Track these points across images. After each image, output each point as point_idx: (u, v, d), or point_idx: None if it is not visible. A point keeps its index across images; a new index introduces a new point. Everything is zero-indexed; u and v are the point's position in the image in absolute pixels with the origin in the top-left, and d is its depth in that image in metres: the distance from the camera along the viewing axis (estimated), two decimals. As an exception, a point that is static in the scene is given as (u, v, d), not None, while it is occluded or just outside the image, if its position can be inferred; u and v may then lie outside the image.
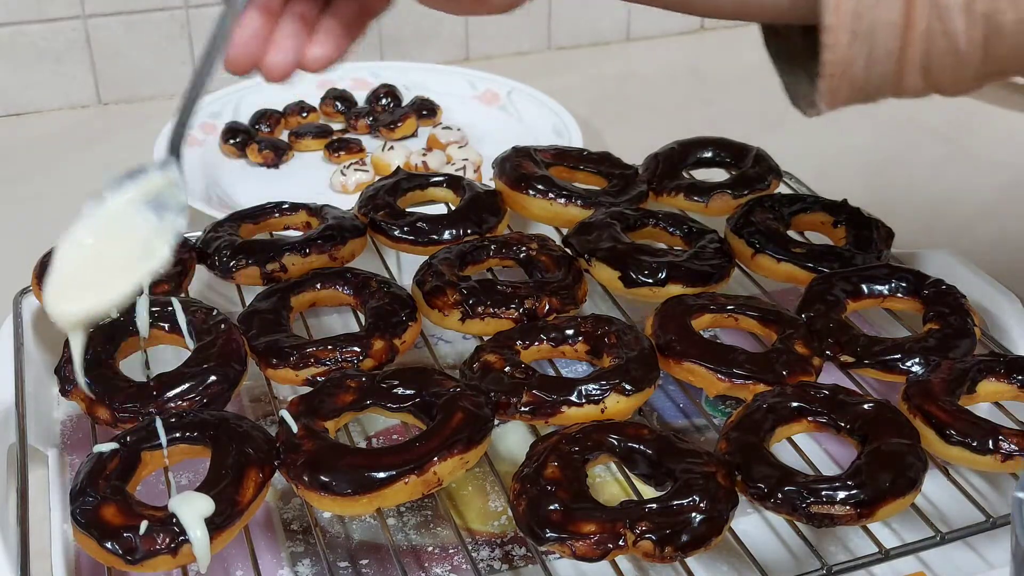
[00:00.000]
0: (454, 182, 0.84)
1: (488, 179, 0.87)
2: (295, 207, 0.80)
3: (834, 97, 0.55)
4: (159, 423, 0.59)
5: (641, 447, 0.59)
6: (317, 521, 0.65)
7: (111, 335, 0.65)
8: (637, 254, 0.74)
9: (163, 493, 0.59)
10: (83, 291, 0.53)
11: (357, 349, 0.66)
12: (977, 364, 0.65)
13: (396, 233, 0.78)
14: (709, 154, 0.89)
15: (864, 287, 0.73)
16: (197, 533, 0.53)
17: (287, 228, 0.80)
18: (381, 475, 0.56)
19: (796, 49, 0.59)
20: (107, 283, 0.53)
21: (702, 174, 0.88)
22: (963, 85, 0.55)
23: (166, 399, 0.61)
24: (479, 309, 0.69)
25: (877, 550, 0.57)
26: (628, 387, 0.63)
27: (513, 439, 0.73)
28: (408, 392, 0.62)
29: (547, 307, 0.70)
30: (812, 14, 0.52)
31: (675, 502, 0.55)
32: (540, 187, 0.81)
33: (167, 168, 0.55)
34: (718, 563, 0.65)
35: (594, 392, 0.62)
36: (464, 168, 1.00)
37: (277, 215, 0.79)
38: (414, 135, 1.11)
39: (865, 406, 0.62)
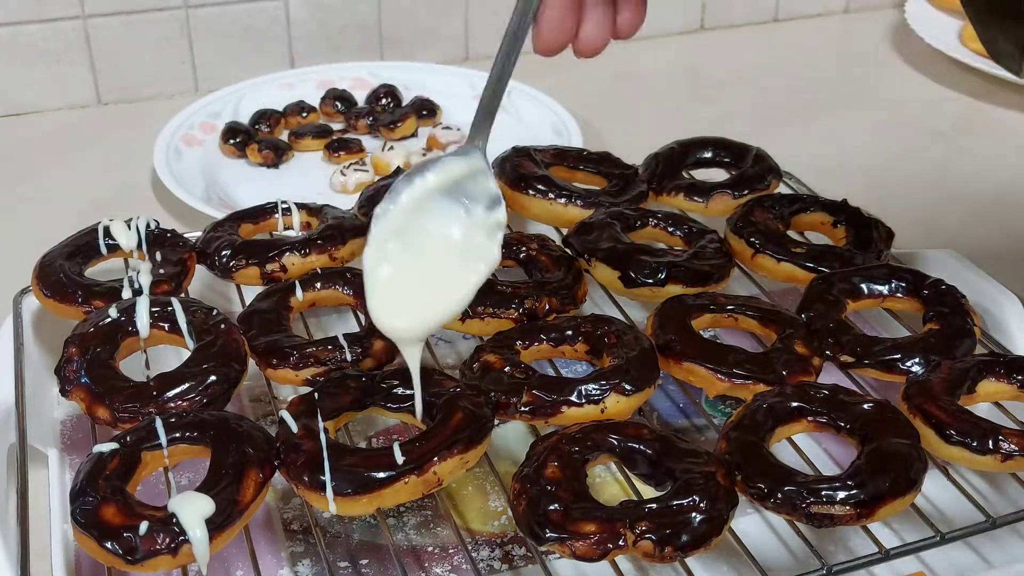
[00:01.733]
0: (454, 182, 0.84)
1: (488, 179, 0.86)
2: (295, 207, 0.80)
3: None
4: (159, 423, 0.59)
5: (641, 447, 0.59)
6: (317, 521, 0.65)
7: (111, 335, 0.65)
8: (637, 254, 0.74)
9: (163, 493, 0.59)
10: (414, 304, 0.50)
11: (357, 349, 0.66)
12: (977, 364, 0.65)
13: (396, 233, 0.77)
14: (709, 154, 0.89)
15: (864, 287, 0.73)
16: (197, 533, 0.53)
17: (287, 228, 0.80)
18: (381, 475, 0.56)
19: (995, 8, 0.57)
20: (438, 292, 0.50)
21: (702, 174, 0.88)
22: None
23: (166, 399, 0.61)
24: (479, 309, 0.69)
25: (877, 550, 0.57)
26: (628, 387, 0.63)
27: (513, 439, 0.73)
28: (408, 392, 0.62)
29: (547, 307, 0.70)
30: None
31: (675, 502, 0.55)
32: (540, 187, 0.81)
33: (470, 156, 0.50)
34: (718, 563, 0.65)
35: (594, 392, 0.62)
36: (464, 168, 1.00)
37: (277, 215, 0.79)
38: (414, 135, 1.11)
39: (865, 406, 0.62)
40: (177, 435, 0.59)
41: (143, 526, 0.53)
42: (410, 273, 0.50)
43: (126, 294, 0.69)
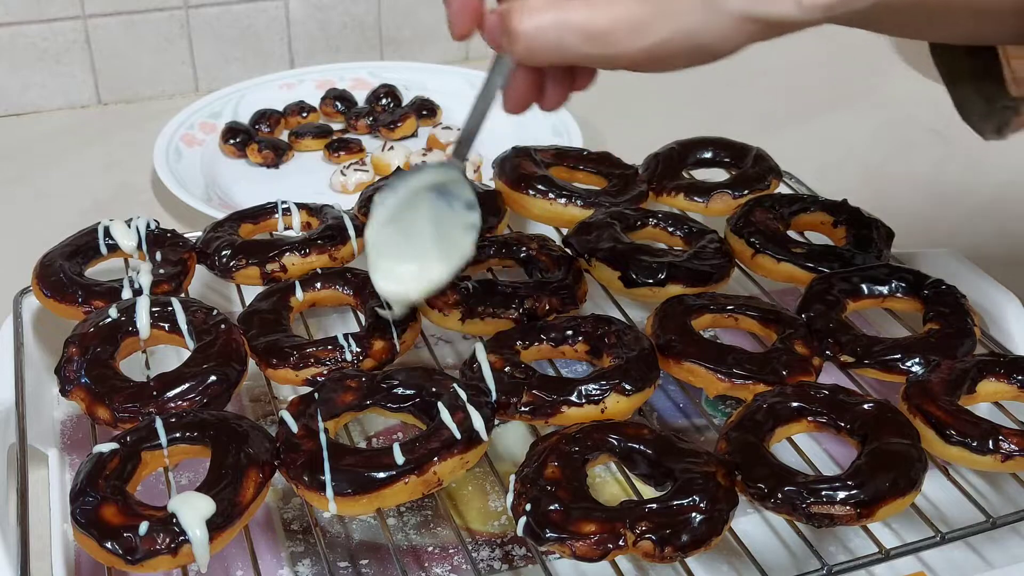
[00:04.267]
0: (454, 182, 0.84)
1: (488, 179, 0.87)
2: (295, 207, 0.80)
3: (1017, 129, 0.58)
4: (159, 423, 0.59)
5: (641, 447, 0.59)
6: (317, 521, 0.65)
7: (111, 335, 0.65)
8: (637, 254, 0.74)
9: (163, 493, 0.59)
10: (406, 273, 0.61)
11: (357, 349, 0.66)
12: (977, 364, 0.65)
13: (396, 233, 0.78)
14: (709, 154, 0.89)
15: (864, 287, 0.73)
16: (197, 533, 0.53)
17: (287, 228, 0.80)
18: (381, 475, 0.56)
19: (964, 68, 0.60)
20: (425, 268, 0.61)
21: (702, 174, 0.88)
22: None
23: (166, 399, 0.61)
24: (479, 309, 0.69)
25: (877, 550, 0.57)
26: (628, 387, 0.63)
27: (513, 439, 0.73)
28: (408, 392, 0.62)
29: (547, 307, 0.70)
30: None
31: (675, 502, 0.55)
32: (540, 187, 0.81)
33: (451, 168, 0.59)
34: (718, 563, 0.65)
35: (594, 392, 0.62)
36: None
37: (277, 215, 0.79)
38: (414, 135, 1.11)
39: (865, 406, 0.62)
40: (177, 435, 0.59)
41: (143, 526, 0.53)
42: (403, 249, 0.60)
43: (126, 294, 0.69)
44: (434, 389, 0.61)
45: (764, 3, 0.47)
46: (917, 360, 0.66)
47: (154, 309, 0.67)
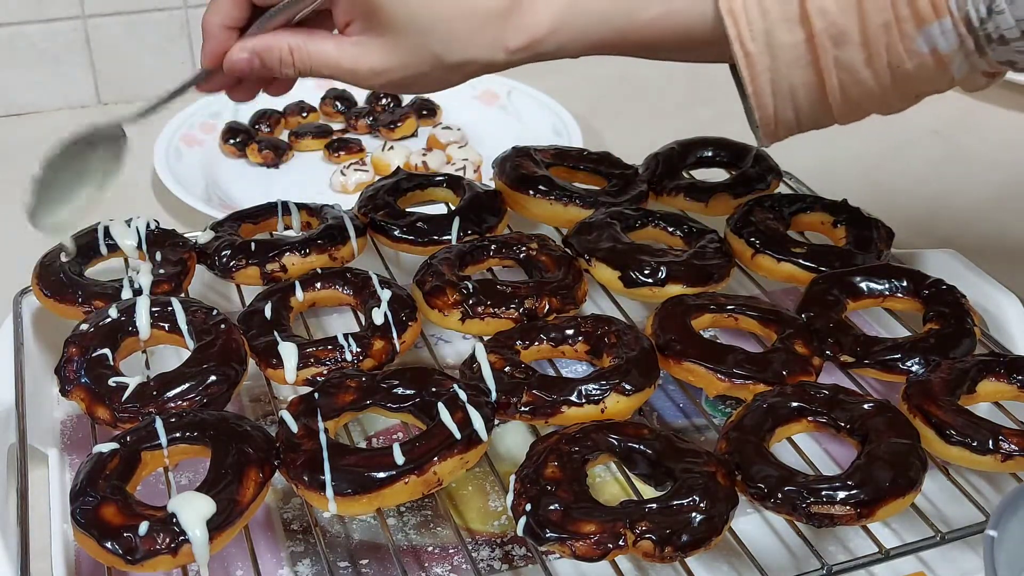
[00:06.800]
0: (454, 182, 0.84)
1: (488, 179, 0.87)
2: (295, 207, 0.80)
3: (774, 137, 0.63)
4: (159, 423, 0.59)
5: (641, 447, 0.59)
6: (317, 521, 0.65)
7: (111, 335, 0.65)
8: (637, 254, 0.74)
9: (163, 493, 0.59)
10: (55, 208, 0.71)
11: (357, 349, 0.66)
12: (977, 364, 0.65)
13: (396, 233, 0.78)
14: (709, 154, 0.89)
15: (864, 287, 0.73)
16: (197, 533, 0.53)
17: (287, 228, 0.80)
18: (381, 475, 0.56)
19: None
20: (72, 204, 0.70)
21: (702, 174, 0.88)
22: (892, 108, 0.63)
23: (166, 399, 0.61)
24: (479, 309, 0.69)
25: (877, 550, 0.57)
26: (628, 387, 0.63)
27: (513, 439, 0.73)
28: (408, 392, 0.62)
29: (547, 307, 0.70)
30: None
31: (675, 502, 0.55)
32: (540, 187, 0.81)
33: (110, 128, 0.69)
34: (718, 563, 0.65)
35: (594, 392, 0.62)
36: (464, 168, 1.00)
37: (277, 215, 0.79)
38: (414, 135, 1.11)
39: (865, 406, 0.62)
40: (177, 435, 0.59)
41: (143, 526, 0.53)
42: (53, 192, 0.72)
43: (126, 294, 0.69)
44: (434, 389, 0.61)
45: (477, 52, 0.61)
46: (917, 360, 0.66)
47: (154, 309, 0.67)
